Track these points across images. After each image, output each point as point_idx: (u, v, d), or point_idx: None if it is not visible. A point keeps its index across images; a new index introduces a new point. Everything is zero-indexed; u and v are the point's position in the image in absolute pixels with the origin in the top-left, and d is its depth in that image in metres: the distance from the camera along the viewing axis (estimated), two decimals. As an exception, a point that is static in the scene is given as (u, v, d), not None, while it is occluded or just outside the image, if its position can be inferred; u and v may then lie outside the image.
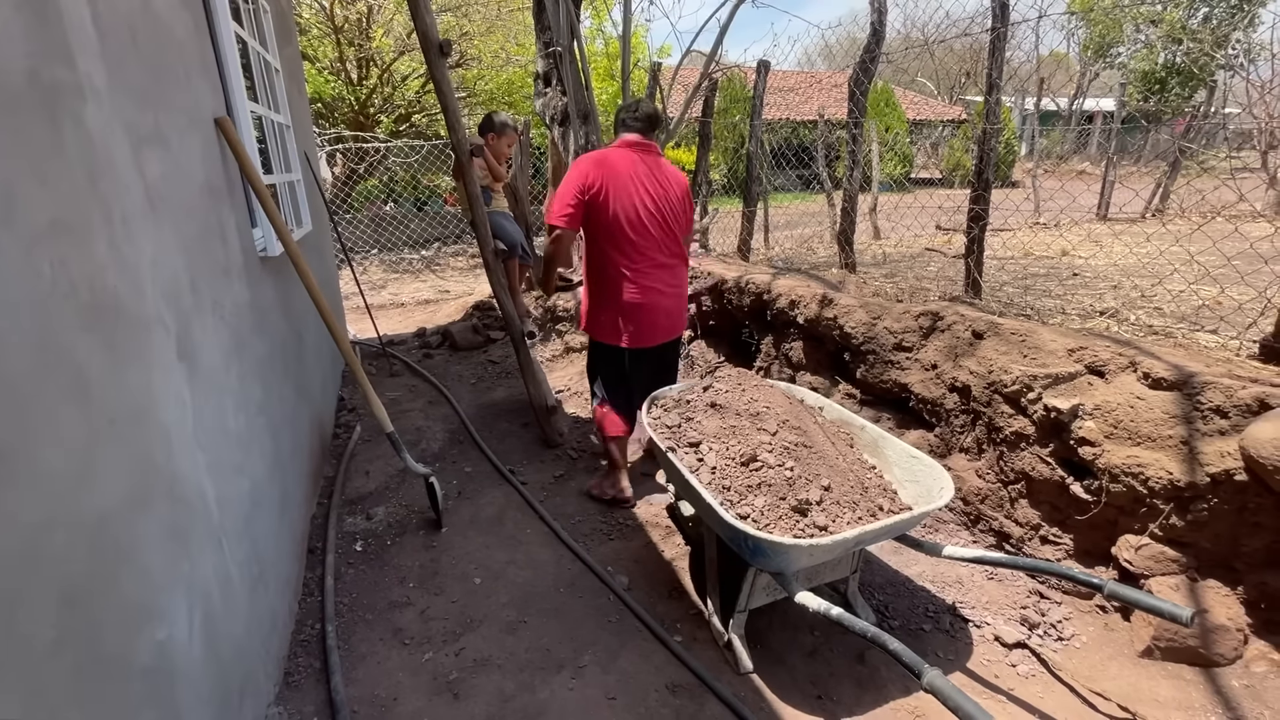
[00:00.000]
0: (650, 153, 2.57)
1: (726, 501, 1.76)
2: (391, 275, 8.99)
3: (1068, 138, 22.12)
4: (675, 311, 2.68)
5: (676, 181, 2.60)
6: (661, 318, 2.62)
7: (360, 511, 2.87)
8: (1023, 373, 2.09)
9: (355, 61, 10.51)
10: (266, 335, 2.32)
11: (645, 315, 2.58)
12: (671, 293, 2.63)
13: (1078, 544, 2.06)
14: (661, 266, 2.57)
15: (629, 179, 2.47)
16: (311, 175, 4.10)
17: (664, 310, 2.61)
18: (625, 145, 2.54)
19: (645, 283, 2.55)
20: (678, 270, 2.66)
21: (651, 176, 2.52)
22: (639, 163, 2.51)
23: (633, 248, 2.51)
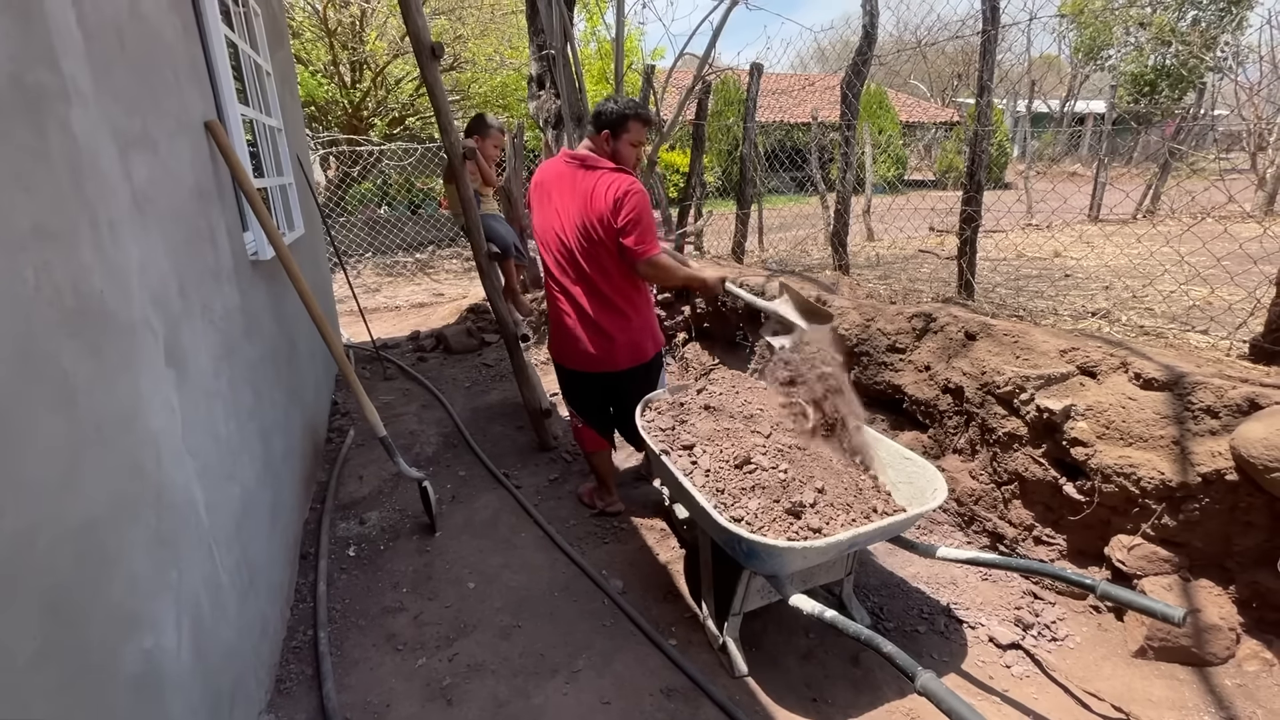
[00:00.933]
0: (578, 164, 2.29)
1: (720, 504, 1.75)
2: (386, 278, 8.96)
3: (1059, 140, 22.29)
4: (590, 340, 2.39)
5: (600, 195, 2.20)
6: (571, 344, 2.45)
7: (353, 516, 2.85)
8: (1015, 373, 2.10)
9: (349, 64, 10.48)
10: (258, 339, 2.31)
11: (559, 337, 2.51)
12: (577, 318, 2.39)
13: (1071, 544, 2.07)
14: (568, 288, 2.39)
15: (550, 193, 2.36)
16: (304, 178, 4.09)
17: (574, 336, 2.42)
18: (562, 155, 2.38)
19: (556, 305, 2.47)
20: (592, 295, 2.34)
21: (571, 190, 2.28)
22: (564, 174, 2.32)
23: (550, 265, 2.44)
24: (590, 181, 2.25)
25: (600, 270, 2.31)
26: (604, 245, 2.25)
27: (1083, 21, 24.70)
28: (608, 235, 2.23)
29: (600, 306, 2.36)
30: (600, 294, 2.35)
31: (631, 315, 2.41)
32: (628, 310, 2.39)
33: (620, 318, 2.39)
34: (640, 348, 2.47)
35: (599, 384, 2.54)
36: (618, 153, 2.32)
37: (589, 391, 2.60)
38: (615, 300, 2.36)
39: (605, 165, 2.28)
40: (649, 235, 2.22)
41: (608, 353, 2.41)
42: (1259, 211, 8.13)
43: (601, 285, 2.33)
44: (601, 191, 2.21)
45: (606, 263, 2.29)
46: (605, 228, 2.22)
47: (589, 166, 2.29)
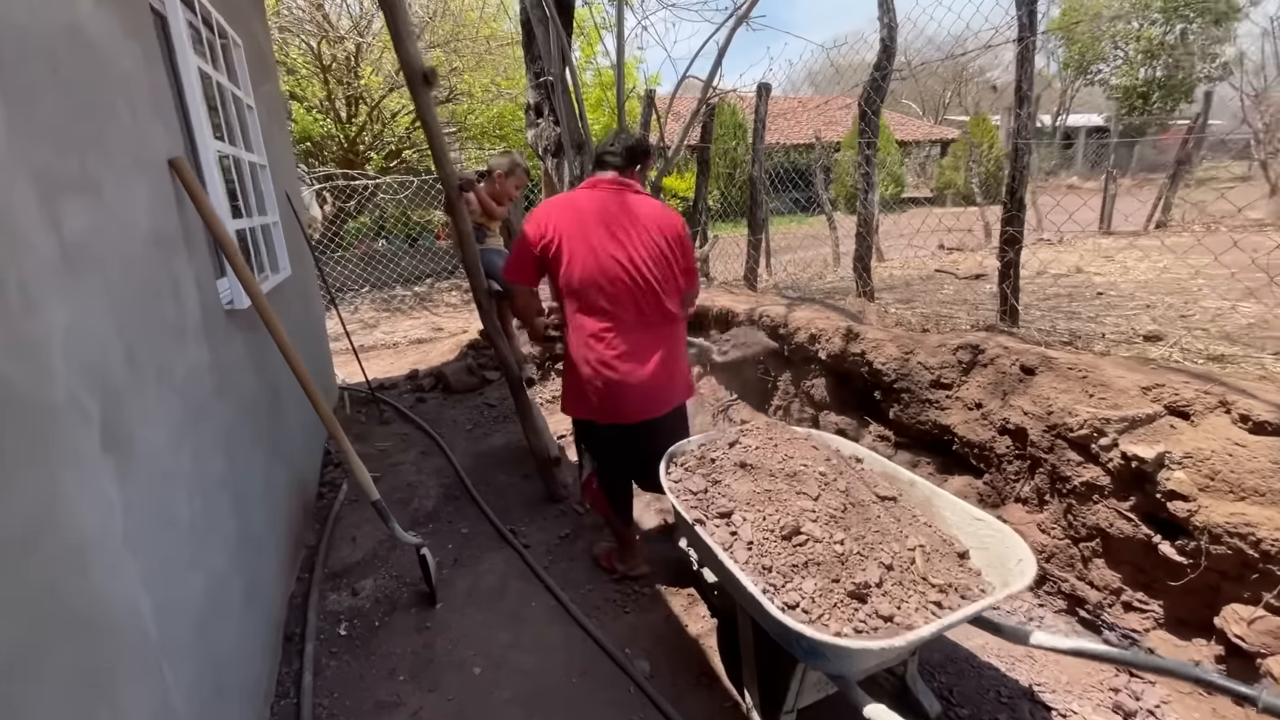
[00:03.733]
0: (624, 191, 2.14)
1: (769, 586, 1.48)
2: (384, 313, 8.76)
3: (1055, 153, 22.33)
4: (657, 385, 2.14)
5: (661, 224, 2.12)
6: (634, 393, 2.12)
7: (345, 586, 2.57)
8: (1091, 415, 1.84)
9: (344, 99, 10.44)
10: (233, 397, 2.06)
11: (614, 390, 2.12)
12: (650, 363, 2.12)
13: (1169, 611, 1.79)
14: (636, 330, 2.10)
15: (593, 225, 2.07)
16: (294, 215, 3.89)
17: (639, 384, 2.11)
18: (593, 184, 2.16)
19: (612, 351, 2.09)
20: (660, 333, 2.15)
21: (624, 220, 2.08)
22: (609, 204, 2.10)
23: (596, 308, 2.09)
24: (651, 205, 2.18)
25: (671, 293, 2.18)
26: (673, 268, 2.17)
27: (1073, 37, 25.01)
28: (675, 258, 2.16)
29: (670, 341, 2.22)
30: (672, 327, 2.22)
31: (683, 345, 2.34)
32: (681, 340, 2.33)
33: (678, 347, 2.29)
34: (689, 380, 2.37)
35: (639, 434, 2.23)
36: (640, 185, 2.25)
37: (624, 446, 2.30)
38: (676, 328, 2.26)
39: (646, 193, 2.22)
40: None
41: (669, 391, 2.23)
42: (1273, 218, 7.94)
43: (675, 315, 2.21)
44: (668, 216, 2.18)
45: (674, 287, 2.19)
46: (675, 249, 2.16)
47: (638, 191, 2.21)
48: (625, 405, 2.15)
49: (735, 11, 4.14)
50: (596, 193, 2.16)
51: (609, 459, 2.37)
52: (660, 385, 2.17)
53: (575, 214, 2.11)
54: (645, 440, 2.22)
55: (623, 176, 2.18)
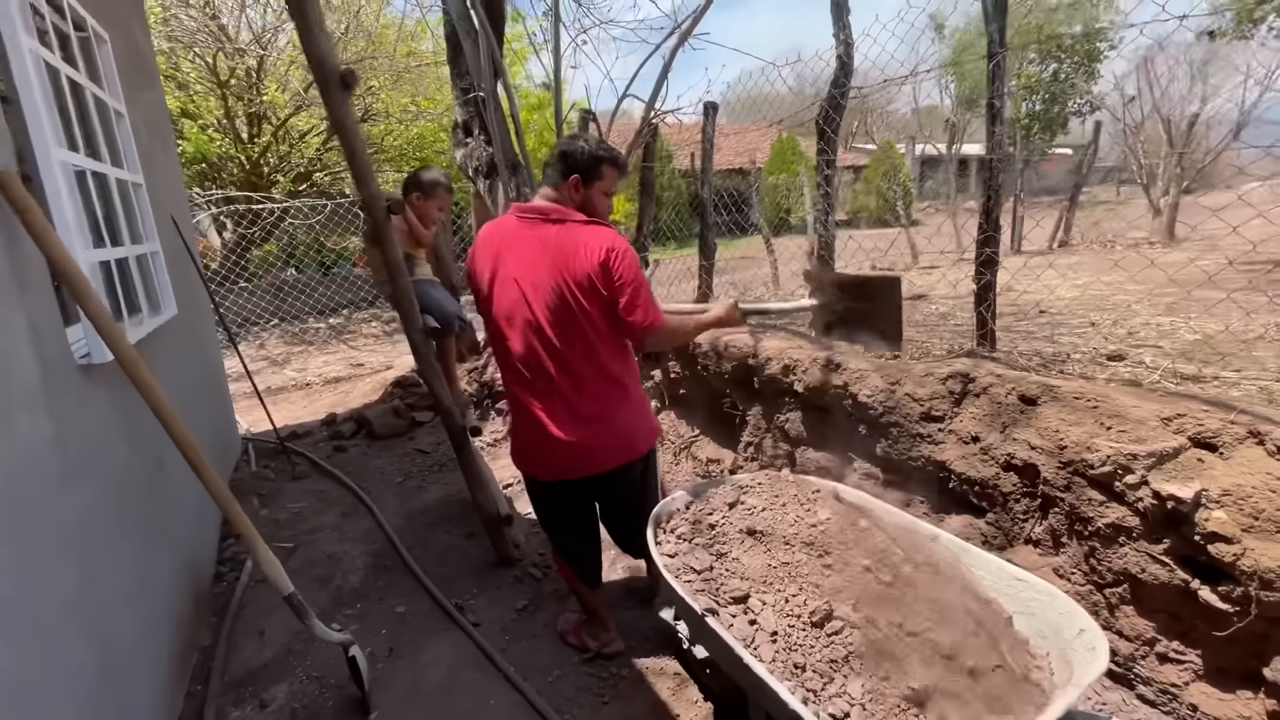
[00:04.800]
0: (541, 217, 1.78)
1: (808, 693, 1.20)
2: (295, 348, 7.98)
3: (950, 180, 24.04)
4: (576, 441, 1.81)
5: (579, 253, 1.71)
6: (543, 447, 1.85)
7: (251, 698, 2.08)
8: (1115, 450, 1.69)
9: (245, 117, 9.62)
10: (91, 479, 1.58)
11: (528, 439, 1.89)
12: (550, 413, 1.81)
13: (1208, 662, 1.65)
14: (538, 375, 1.80)
15: (504, 259, 1.79)
16: (183, 244, 3.33)
17: (546, 436, 1.82)
18: (514, 213, 1.85)
19: (520, 400, 1.87)
20: (569, 378, 1.79)
21: (535, 250, 1.75)
22: (519, 234, 1.79)
23: (512, 356, 1.83)
24: (561, 237, 1.74)
25: (582, 346, 1.77)
26: (586, 315, 1.73)
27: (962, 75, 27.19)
28: (591, 302, 1.72)
29: (581, 392, 1.81)
30: (579, 376, 1.80)
31: (619, 400, 1.87)
32: (613, 394, 1.86)
33: (606, 405, 1.84)
34: (632, 439, 1.91)
35: (582, 493, 1.95)
36: (589, 202, 1.83)
37: (568, 506, 2.00)
38: (599, 383, 1.82)
39: (576, 217, 1.79)
40: (649, 301, 1.74)
41: (590, 451, 1.84)
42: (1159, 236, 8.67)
43: (581, 366, 1.78)
44: (580, 248, 1.71)
45: (590, 336, 1.76)
46: (588, 292, 1.71)
47: (555, 220, 1.78)
48: (538, 459, 1.92)
49: (677, 28, 3.99)
50: (510, 221, 1.85)
51: (555, 517, 2.06)
52: (575, 443, 1.82)
53: (491, 244, 1.86)
54: (594, 500, 2.02)
55: (557, 192, 1.82)
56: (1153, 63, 9.56)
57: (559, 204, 1.82)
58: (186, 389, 2.93)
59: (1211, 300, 3.75)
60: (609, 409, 1.85)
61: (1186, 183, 8.70)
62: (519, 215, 1.83)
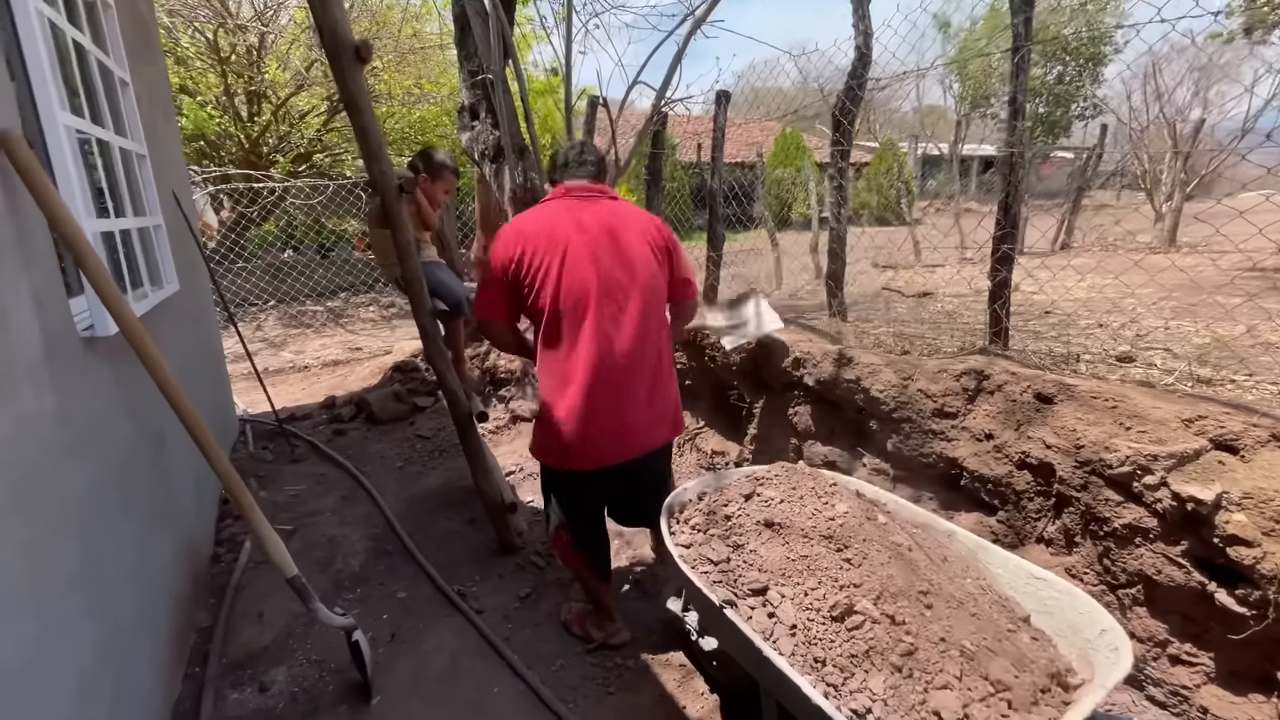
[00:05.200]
0: (600, 198, 1.86)
1: (829, 687, 1.18)
2: (292, 331, 7.91)
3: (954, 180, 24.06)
4: (644, 421, 1.83)
5: (646, 233, 1.84)
6: (615, 433, 1.80)
7: (250, 680, 2.05)
8: (1135, 451, 1.68)
9: (245, 95, 9.48)
10: (94, 454, 1.55)
11: (599, 425, 1.77)
12: (636, 397, 1.80)
13: (1220, 665, 1.64)
14: (619, 358, 1.77)
15: (570, 240, 1.75)
16: (184, 220, 3.27)
17: (622, 422, 1.79)
18: (564, 193, 1.87)
19: (596, 379, 1.74)
20: (648, 362, 1.82)
21: (604, 231, 1.78)
22: (585, 214, 1.80)
23: (573, 335, 1.75)
24: (629, 211, 1.90)
25: (658, 318, 1.89)
26: (662, 286, 1.89)
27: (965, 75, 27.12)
28: (664, 272, 1.89)
29: (660, 365, 1.90)
30: (659, 349, 1.89)
31: (673, 373, 2.00)
32: (671, 367, 1.98)
33: (671, 379, 1.97)
34: (679, 412, 2.03)
35: (627, 476, 1.91)
36: None
37: (604, 494, 2.00)
38: (668, 356, 1.96)
39: (622, 199, 1.93)
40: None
41: (658, 424, 1.91)
42: (1160, 243, 8.68)
43: (663, 338, 1.91)
44: (648, 222, 1.90)
45: (663, 308, 1.92)
46: (662, 262, 1.88)
47: (612, 197, 1.90)
48: (606, 446, 1.81)
49: (691, 14, 3.93)
50: (569, 202, 1.86)
51: (585, 509, 2.01)
52: (648, 421, 1.86)
53: (547, 229, 1.78)
54: (630, 482, 1.96)
55: (594, 184, 1.92)
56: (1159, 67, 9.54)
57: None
58: (187, 367, 2.89)
59: (1217, 304, 3.75)
60: (671, 383, 1.96)
61: (1190, 188, 8.70)
62: (575, 195, 1.87)
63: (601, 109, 4.75)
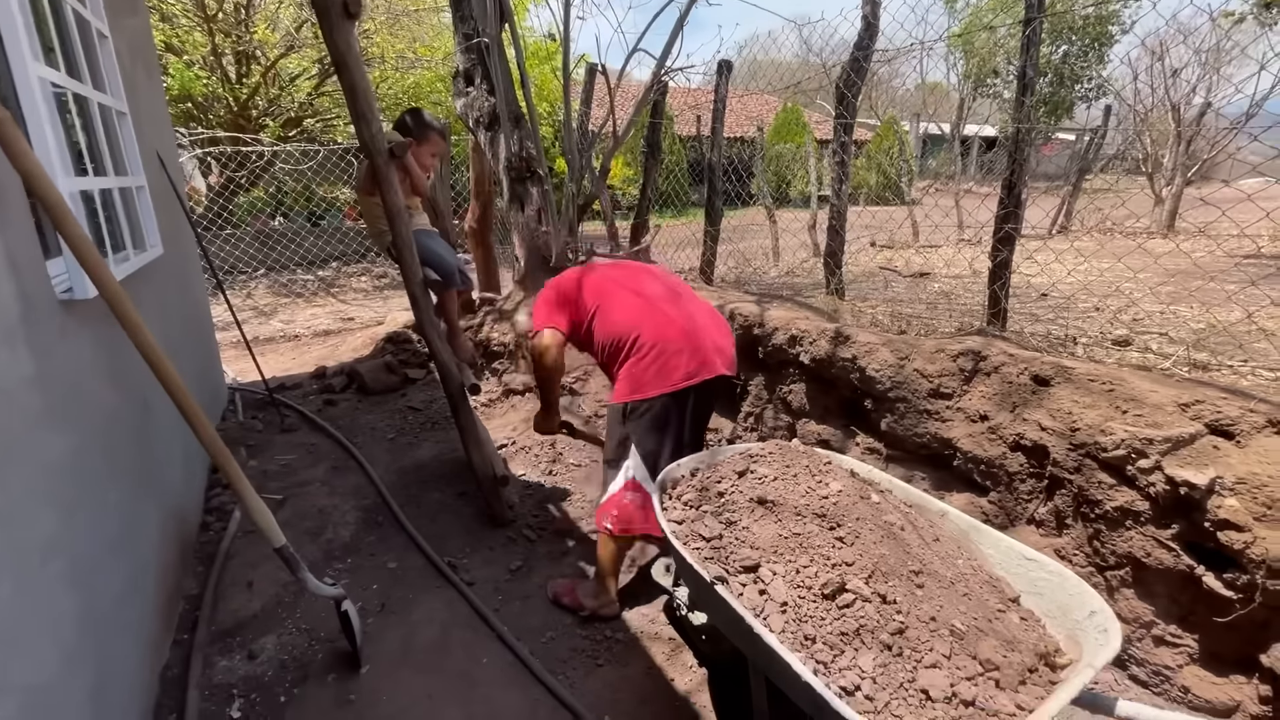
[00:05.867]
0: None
1: (819, 665, 1.18)
2: (282, 299, 7.81)
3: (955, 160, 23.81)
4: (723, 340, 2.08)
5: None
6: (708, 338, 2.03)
7: (239, 648, 2.05)
8: (1131, 434, 1.67)
9: (233, 56, 9.21)
10: (73, 420, 1.51)
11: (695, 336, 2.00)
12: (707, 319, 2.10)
13: (1204, 647, 1.66)
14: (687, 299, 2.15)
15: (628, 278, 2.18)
16: (169, 182, 3.19)
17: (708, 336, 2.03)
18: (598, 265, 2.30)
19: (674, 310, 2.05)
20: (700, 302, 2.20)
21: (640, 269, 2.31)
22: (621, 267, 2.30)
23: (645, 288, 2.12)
24: None
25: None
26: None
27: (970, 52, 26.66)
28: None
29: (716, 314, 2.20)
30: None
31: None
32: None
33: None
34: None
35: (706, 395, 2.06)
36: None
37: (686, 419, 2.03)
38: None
39: None
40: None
41: (728, 347, 2.09)
42: (1160, 227, 8.65)
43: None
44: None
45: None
46: None
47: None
48: (707, 354, 1.98)
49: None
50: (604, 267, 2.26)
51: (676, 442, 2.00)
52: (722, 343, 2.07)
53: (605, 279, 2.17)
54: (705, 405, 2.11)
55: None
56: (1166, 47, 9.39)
57: None
58: (173, 333, 2.83)
59: (1216, 289, 3.74)
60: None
61: (1191, 173, 8.64)
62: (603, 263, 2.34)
63: (600, 77, 4.63)
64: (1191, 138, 8.51)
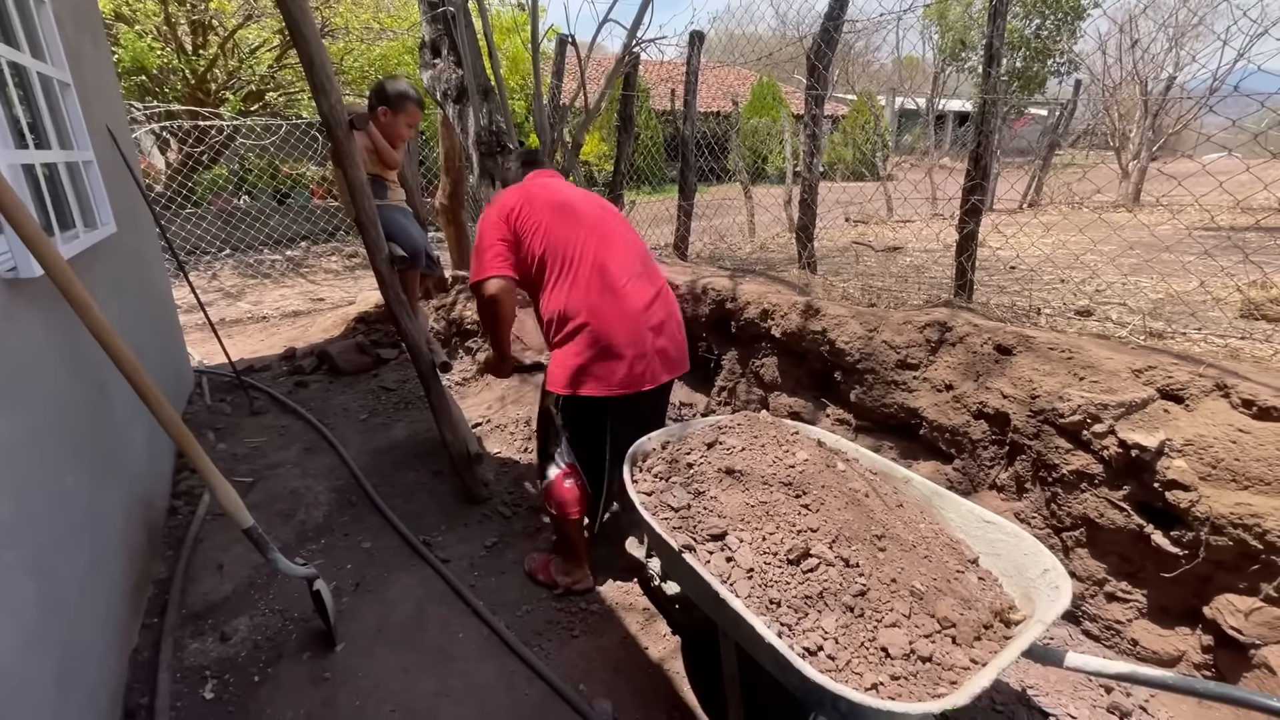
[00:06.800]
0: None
1: (783, 627, 1.21)
2: (249, 280, 7.62)
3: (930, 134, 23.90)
4: (674, 345, 2.00)
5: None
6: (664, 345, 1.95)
7: (211, 630, 2.04)
8: (1086, 400, 1.72)
9: (189, 26, 8.82)
10: (23, 403, 1.47)
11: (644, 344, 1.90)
12: (670, 311, 2.02)
13: (1152, 601, 1.74)
14: (644, 278, 1.98)
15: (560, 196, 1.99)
16: (122, 158, 3.06)
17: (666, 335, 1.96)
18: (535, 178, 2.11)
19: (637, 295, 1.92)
20: (661, 286, 2.03)
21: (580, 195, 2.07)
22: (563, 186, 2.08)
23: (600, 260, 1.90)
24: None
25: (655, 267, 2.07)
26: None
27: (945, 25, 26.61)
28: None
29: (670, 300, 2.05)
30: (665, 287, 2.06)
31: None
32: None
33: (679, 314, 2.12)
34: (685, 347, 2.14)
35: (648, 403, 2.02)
36: None
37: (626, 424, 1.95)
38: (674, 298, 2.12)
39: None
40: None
41: (680, 357, 2.04)
42: (1127, 200, 8.82)
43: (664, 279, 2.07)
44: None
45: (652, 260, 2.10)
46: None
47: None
48: (654, 363, 1.91)
49: (664, -53, 3.73)
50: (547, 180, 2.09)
51: (601, 444, 1.99)
52: (673, 349, 2.00)
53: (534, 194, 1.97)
54: (648, 411, 2.04)
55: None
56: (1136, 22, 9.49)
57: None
58: (130, 314, 2.75)
59: (1174, 260, 3.84)
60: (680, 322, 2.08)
61: (1155, 147, 8.80)
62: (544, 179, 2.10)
63: (570, 49, 4.53)
64: (1157, 112, 8.64)
